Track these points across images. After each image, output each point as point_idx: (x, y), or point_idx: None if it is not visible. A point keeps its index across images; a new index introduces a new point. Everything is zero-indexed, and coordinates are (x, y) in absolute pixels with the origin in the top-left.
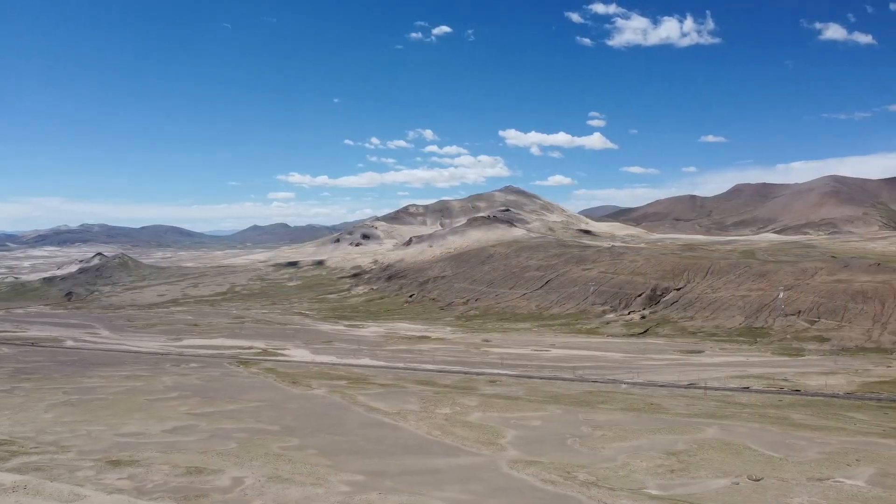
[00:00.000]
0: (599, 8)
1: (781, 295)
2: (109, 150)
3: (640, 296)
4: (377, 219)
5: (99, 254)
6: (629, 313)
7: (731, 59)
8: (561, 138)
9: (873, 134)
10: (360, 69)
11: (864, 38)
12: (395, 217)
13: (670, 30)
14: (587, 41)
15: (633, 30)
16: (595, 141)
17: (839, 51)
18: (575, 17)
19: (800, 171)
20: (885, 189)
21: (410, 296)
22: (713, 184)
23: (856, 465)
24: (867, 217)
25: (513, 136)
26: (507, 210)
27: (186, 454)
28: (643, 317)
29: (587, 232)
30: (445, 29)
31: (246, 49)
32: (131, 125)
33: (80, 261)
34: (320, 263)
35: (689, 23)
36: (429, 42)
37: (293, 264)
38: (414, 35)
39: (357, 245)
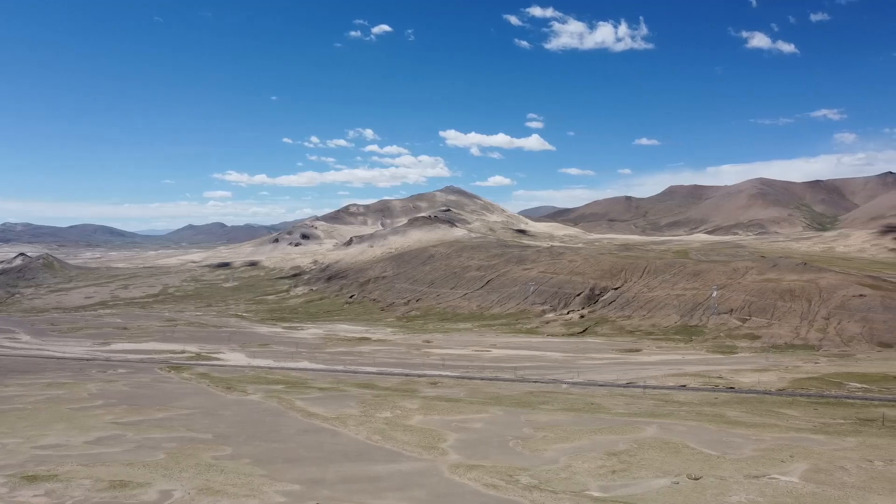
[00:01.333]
0: (537, 11)
1: (715, 294)
2: (36, 146)
3: (578, 295)
4: (317, 218)
5: (21, 254)
6: (568, 313)
7: (664, 64)
8: (500, 139)
9: (796, 139)
10: (299, 67)
11: (787, 47)
12: (336, 217)
13: (605, 34)
14: (525, 44)
15: (570, 34)
16: (533, 142)
17: (764, 59)
18: (513, 19)
19: (729, 174)
20: (808, 192)
21: (351, 296)
22: (647, 185)
23: (790, 461)
24: (792, 218)
25: (453, 137)
26: (448, 210)
27: (111, 467)
28: (582, 316)
29: (526, 232)
30: (385, 28)
31: (179, 44)
32: (59, 120)
33: (1, 261)
34: (258, 264)
35: (623, 28)
36: (368, 41)
37: (230, 265)
38: (353, 33)
39: (296, 245)
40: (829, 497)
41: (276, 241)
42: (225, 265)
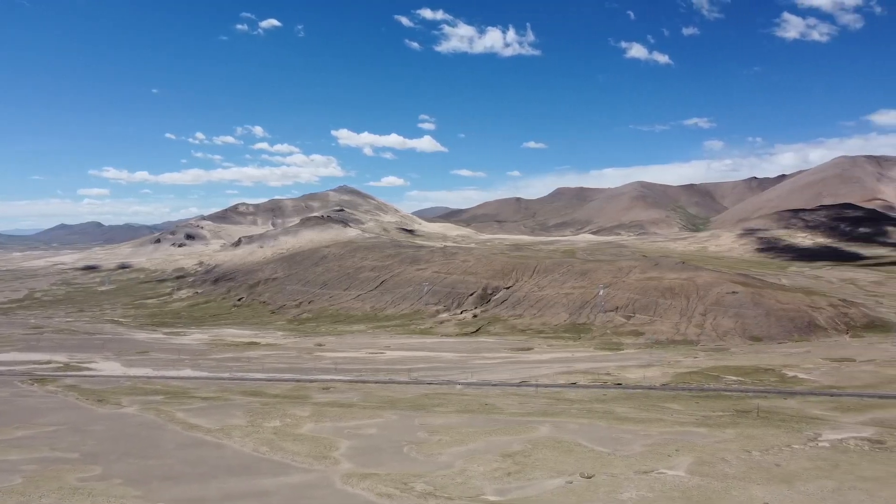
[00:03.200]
0: (427, 13)
1: (601, 292)
2: None
3: (472, 295)
4: (203, 218)
5: None
6: (462, 312)
7: (550, 70)
8: (393, 140)
9: (671, 145)
10: (181, 59)
11: (662, 58)
12: (224, 216)
13: (494, 39)
14: (416, 45)
15: (460, 37)
16: (426, 143)
17: (641, 68)
18: (404, 20)
19: (611, 177)
20: (683, 195)
21: (239, 299)
22: (535, 187)
23: (676, 455)
24: (669, 220)
25: (345, 136)
26: (342, 210)
27: None
28: (475, 315)
29: (420, 233)
30: (274, 22)
31: (48, 29)
32: None
33: None
34: (138, 266)
35: (511, 34)
36: (256, 35)
37: (106, 267)
38: (240, 27)
39: (180, 246)
40: (713, 489)
41: (158, 241)
42: (100, 267)
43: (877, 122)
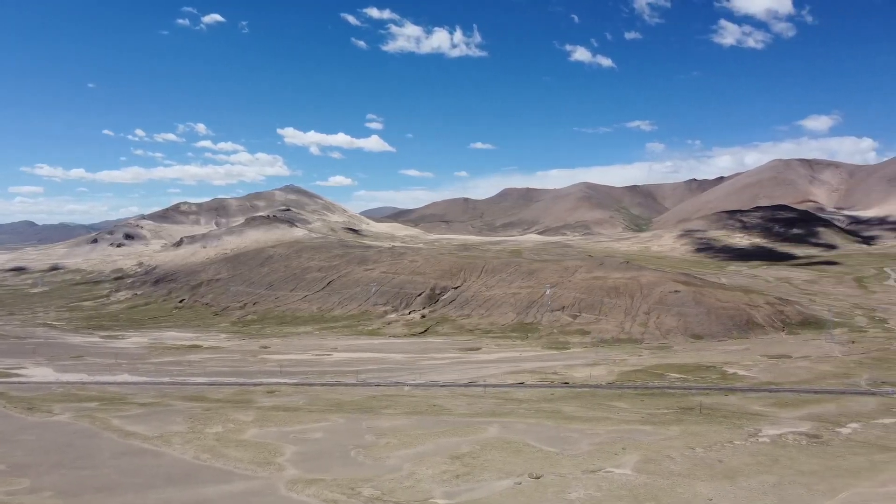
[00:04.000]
0: (374, 13)
1: (548, 292)
2: None
3: (420, 295)
4: (143, 217)
5: None
6: (410, 313)
7: (497, 71)
8: (340, 139)
9: (614, 147)
10: (119, 53)
11: (606, 62)
12: (165, 216)
13: (441, 40)
14: (363, 44)
15: (407, 37)
16: (373, 143)
17: (585, 72)
18: (351, 19)
19: (556, 178)
20: (626, 196)
21: (181, 301)
22: (483, 188)
23: (622, 453)
24: (613, 220)
25: (291, 135)
26: (288, 210)
27: None
28: (423, 316)
29: (368, 233)
30: (217, 18)
31: None
32: None
33: None
34: (73, 266)
35: (458, 35)
36: (198, 30)
37: (37, 268)
38: (181, 21)
39: (119, 246)
40: (659, 486)
41: (96, 241)
42: (31, 269)
43: (808, 126)
